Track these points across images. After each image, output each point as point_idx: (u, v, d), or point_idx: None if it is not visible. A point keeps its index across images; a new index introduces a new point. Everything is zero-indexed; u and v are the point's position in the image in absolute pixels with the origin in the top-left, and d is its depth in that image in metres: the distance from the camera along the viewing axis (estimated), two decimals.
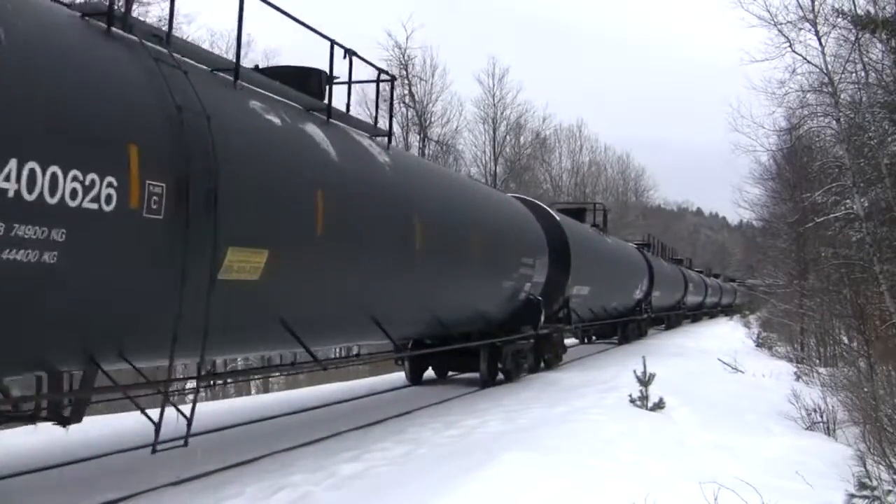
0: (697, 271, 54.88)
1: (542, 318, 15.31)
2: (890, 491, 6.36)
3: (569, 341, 24.80)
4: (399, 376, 16.18)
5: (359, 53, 9.42)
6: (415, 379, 15.09)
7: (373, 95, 11.89)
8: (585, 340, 28.04)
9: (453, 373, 16.05)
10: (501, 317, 14.32)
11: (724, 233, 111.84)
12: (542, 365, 17.15)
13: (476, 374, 14.58)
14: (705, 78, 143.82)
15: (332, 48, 8.92)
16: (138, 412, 7.47)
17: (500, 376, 14.73)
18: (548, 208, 18.58)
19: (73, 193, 4.97)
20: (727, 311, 67.11)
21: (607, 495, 5.86)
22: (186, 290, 5.90)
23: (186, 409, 6.55)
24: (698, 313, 53.32)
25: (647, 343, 27.10)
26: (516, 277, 14.26)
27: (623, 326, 27.70)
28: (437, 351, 13.50)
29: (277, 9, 7.80)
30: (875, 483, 6.29)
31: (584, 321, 21.34)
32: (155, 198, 5.61)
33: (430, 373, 15.62)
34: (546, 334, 16.47)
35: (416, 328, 11.64)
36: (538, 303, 15.27)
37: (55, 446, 8.25)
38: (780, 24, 17.74)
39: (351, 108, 9.83)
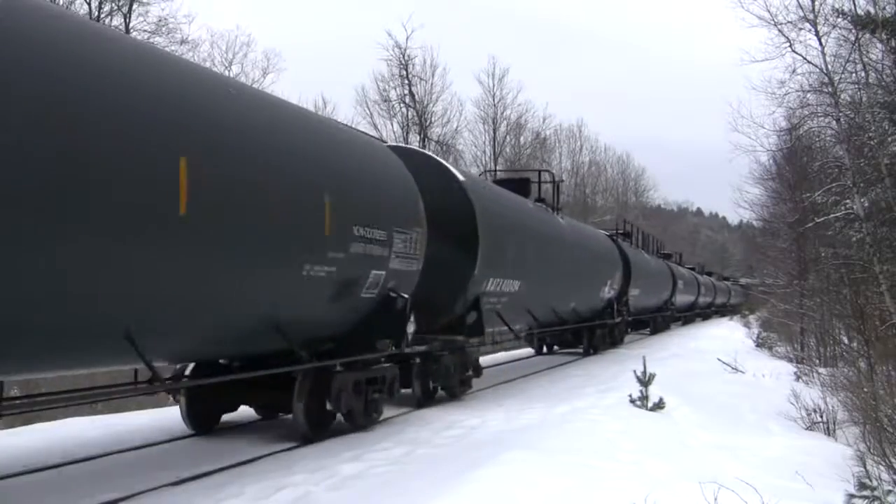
0: (689, 268, 51.44)
1: (412, 329, 10.18)
2: (890, 491, 6.36)
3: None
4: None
5: None
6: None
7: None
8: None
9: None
10: (325, 327, 9.08)
11: (724, 233, 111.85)
12: (421, 397, 11.90)
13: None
14: (705, 78, 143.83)
15: None
16: (138, 410, 7.50)
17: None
18: (445, 163, 13.04)
19: None
20: (721, 311, 64.63)
21: (607, 495, 5.86)
22: None
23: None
24: (689, 315, 48.82)
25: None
26: (338, 261, 8.49)
27: (589, 333, 22.01)
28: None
29: None
30: (875, 483, 6.29)
31: (515, 328, 15.65)
32: None
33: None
34: (426, 353, 11.57)
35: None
36: (403, 304, 9.84)
37: (54, 446, 8.26)
38: (780, 24, 17.76)
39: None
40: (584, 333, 21.90)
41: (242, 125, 7.26)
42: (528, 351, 23.01)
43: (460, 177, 12.51)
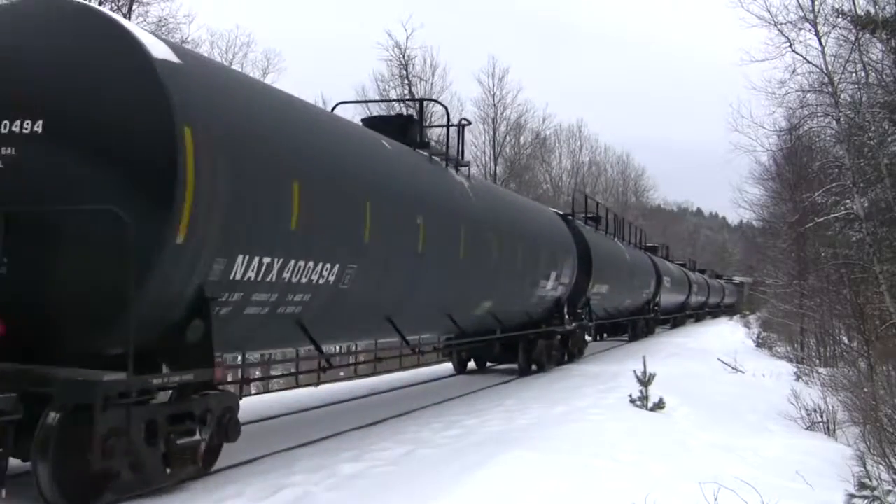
0: (679, 264, 46.25)
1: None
2: (890, 491, 6.36)
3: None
4: (400, 376, 16.36)
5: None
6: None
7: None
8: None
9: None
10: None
11: (724, 233, 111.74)
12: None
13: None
14: (705, 78, 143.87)
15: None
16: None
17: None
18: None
19: None
20: (715, 312, 60.43)
21: (607, 495, 5.86)
22: None
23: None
24: (680, 316, 43.02)
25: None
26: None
27: (527, 344, 16.53)
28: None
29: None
30: (875, 483, 6.29)
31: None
32: None
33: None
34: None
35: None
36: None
37: None
38: (780, 24, 17.77)
39: None
40: (520, 346, 16.52)
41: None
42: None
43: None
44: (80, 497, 5.74)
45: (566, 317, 17.84)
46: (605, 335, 29.49)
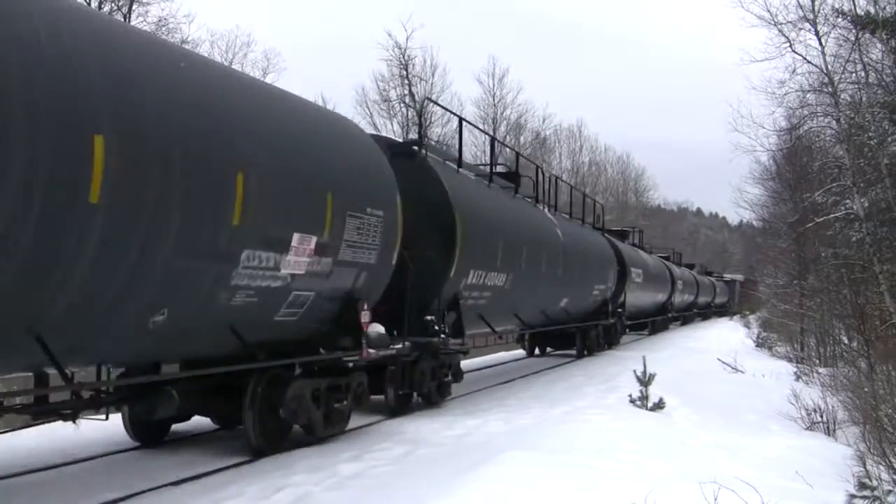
0: (662, 256, 39.40)
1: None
2: (890, 491, 6.36)
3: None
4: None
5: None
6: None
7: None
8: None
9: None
10: None
11: (724, 233, 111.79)
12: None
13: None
14: (705, 78, 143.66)
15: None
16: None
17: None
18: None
19: None
20: (705, 313, 55.04)
21: (607, 495, 5.86)
22: None
23: None
24: (660, 320, 35.81)
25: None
26: None
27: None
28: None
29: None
30: (875, 483, 6.29)
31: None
32: None
33: None
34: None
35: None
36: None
37: (54, 446, 8.26)
38: (780, 24, 17.73)
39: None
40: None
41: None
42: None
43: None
44: None
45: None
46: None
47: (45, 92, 5.05)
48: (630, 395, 10.99)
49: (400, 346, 10.05)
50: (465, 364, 14.61)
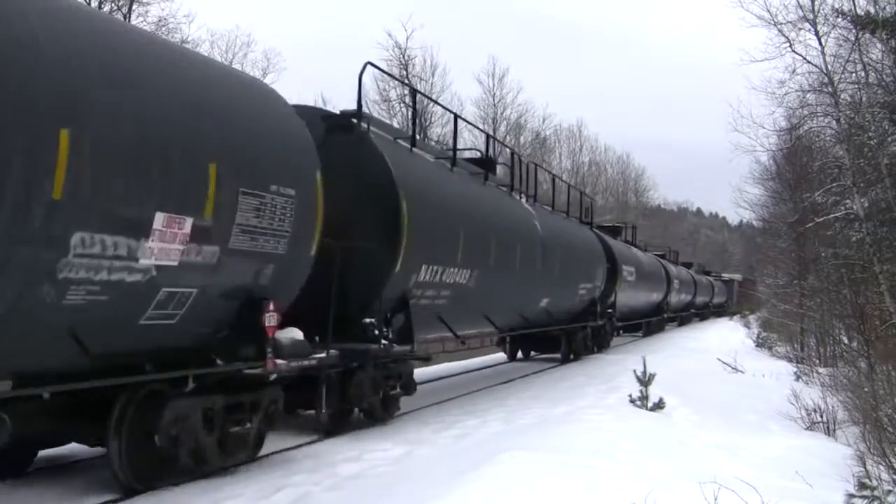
0: (658, 255, 37.18)
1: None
2: (890, 491, 6.36)
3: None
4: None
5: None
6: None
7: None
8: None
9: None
10: None
11: (724, 233, 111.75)
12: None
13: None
14: (705, 78, 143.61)
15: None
16: None
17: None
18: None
19: None
20: (703, 313, 53.03)
21: (607, 495, 5.86)
22: None
23: None
24: (655, 321, 33.79)
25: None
26: None
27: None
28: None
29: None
30: (875, 483, 6.29)
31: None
32: None
33: None
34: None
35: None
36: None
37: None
38: (780, 24, 17.73)
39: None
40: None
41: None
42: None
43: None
44: None
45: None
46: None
47: None
48: (630, 395, 10.99)
49: (323, 354, 8.33)
50: (425, 372, 14.41)
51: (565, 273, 17.32)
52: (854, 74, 17.20)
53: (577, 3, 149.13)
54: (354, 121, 9.83)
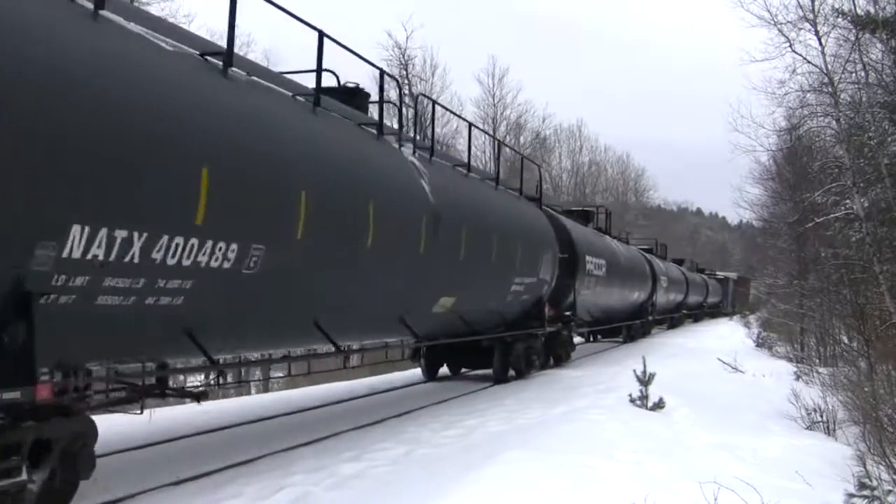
0: (644, 249, 31.90)
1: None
2: (890, 491, 6.36)
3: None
4: (398, 376, 16.20)
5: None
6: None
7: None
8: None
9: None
10: None
11: (724, 233, 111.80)
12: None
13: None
14: (705, 78, 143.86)
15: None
16: (131, 413, 7.42)
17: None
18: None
19: None
20: (696, 314, 48.68)
21: (607, 495, 5.86)
22: None
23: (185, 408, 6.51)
24: (638, 325, 28.30)
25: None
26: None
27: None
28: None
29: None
30: (875, 483, 6.28)
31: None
32: None
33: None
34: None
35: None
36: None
37: None
38: (780, 24, 17.76)
39: None
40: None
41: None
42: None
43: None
44: None
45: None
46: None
47: None
48: (630, 395, 10.98)
49: None
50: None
51: (486, 261, 12.43)
52: (854, 74, 17.22)
53: (577, 3, 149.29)
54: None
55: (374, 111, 10.94)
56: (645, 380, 10.91)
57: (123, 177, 5.46)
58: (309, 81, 8.90)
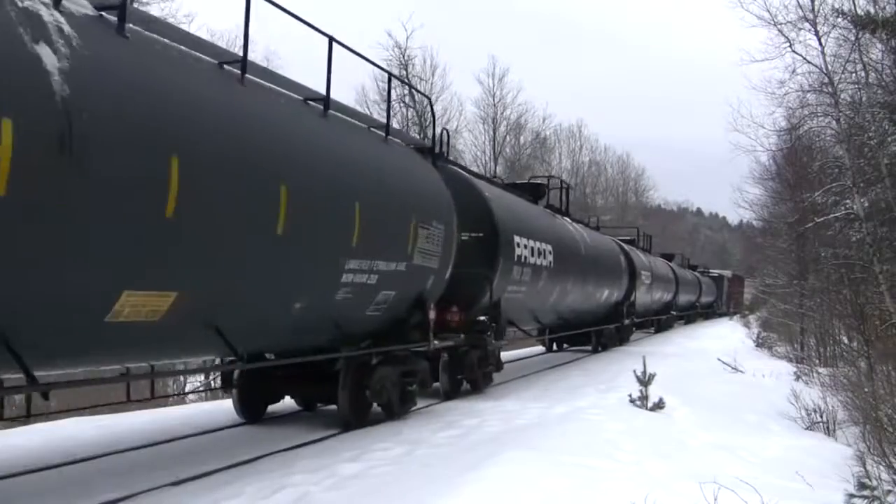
0: (624, 240, 27.97)
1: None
2: (890, 491, 6.35)
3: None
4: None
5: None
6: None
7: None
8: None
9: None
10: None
11: (724, 233, 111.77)
12: None
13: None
14: (705, 78, 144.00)
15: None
16: (131, 413, 7.44)
17: None
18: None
19: None
20: (688, 315, 44.83)
21: (607, 495, 5.86)
22: None
23: (186, 408, 6.52)
24: (610, 330, 23.74)
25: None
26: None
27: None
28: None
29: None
30: (875, 483, 6.28)
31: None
32: None
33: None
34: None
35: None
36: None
37: (54, 447, 8.25)
38: (780, 24, 17.78)
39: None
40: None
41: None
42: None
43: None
44: None
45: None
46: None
47: None
48: (630, 395, 10.98)
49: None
50: None
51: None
52: (854, 74, 17.23)
53: (577, 2, 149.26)
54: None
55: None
56: (645, 380, 10.92)
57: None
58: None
